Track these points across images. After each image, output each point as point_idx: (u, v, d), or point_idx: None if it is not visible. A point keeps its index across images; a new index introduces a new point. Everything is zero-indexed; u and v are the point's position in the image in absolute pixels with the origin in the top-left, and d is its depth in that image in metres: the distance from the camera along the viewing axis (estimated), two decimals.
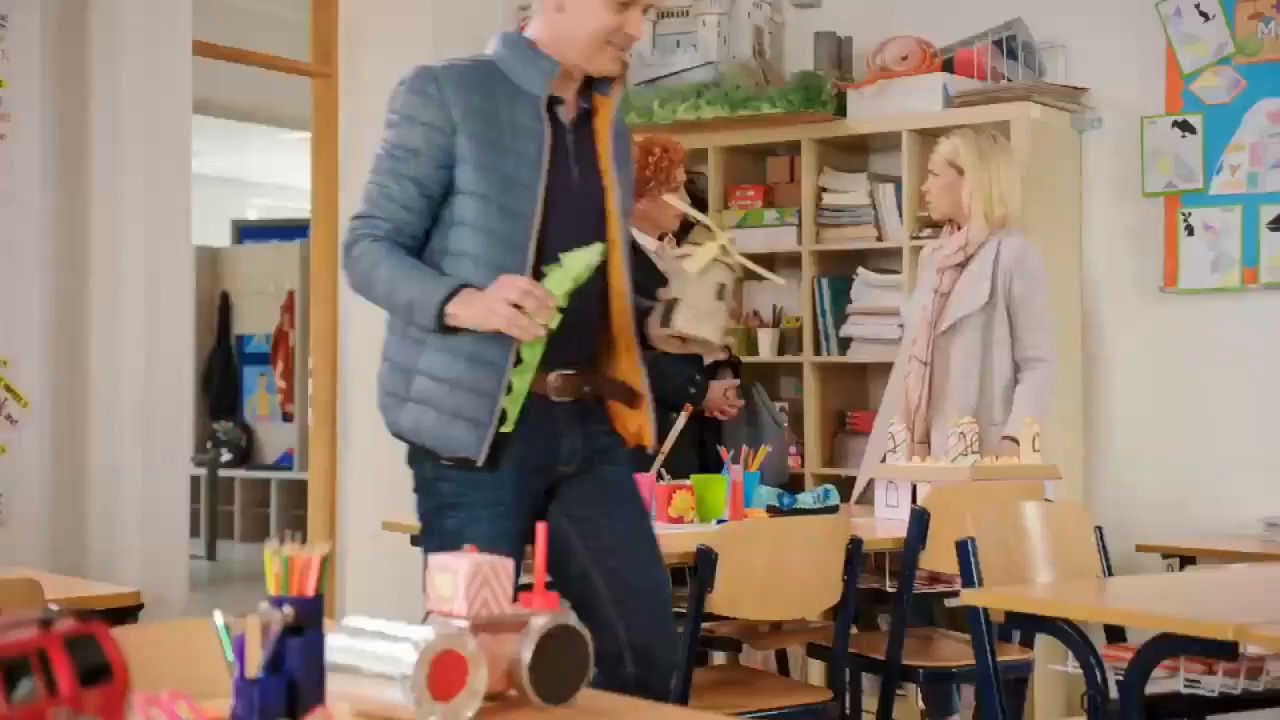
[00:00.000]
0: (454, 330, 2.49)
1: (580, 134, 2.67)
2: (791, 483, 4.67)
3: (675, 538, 3.15)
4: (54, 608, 2.08)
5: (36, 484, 4.02)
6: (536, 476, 2.63)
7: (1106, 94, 4.82)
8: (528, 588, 1.62)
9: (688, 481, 3.56)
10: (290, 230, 10.10)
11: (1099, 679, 2.27)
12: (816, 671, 4.45)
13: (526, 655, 1.52)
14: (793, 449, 4.86)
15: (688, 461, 4.09)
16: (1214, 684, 2.26)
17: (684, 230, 4.60)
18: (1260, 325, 4.56)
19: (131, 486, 4.18)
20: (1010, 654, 3.50)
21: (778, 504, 3.60)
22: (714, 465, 4.32)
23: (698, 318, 2.53)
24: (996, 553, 2.64)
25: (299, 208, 11.70)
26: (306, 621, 1.30)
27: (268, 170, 11.65)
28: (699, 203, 4.89)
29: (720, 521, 3.42)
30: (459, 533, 2.51)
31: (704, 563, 2.92)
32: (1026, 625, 2.40)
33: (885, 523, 3.61)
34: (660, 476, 3.59)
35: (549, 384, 2.59)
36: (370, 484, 5.10)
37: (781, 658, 4.04)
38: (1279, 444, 4.50)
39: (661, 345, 2.70)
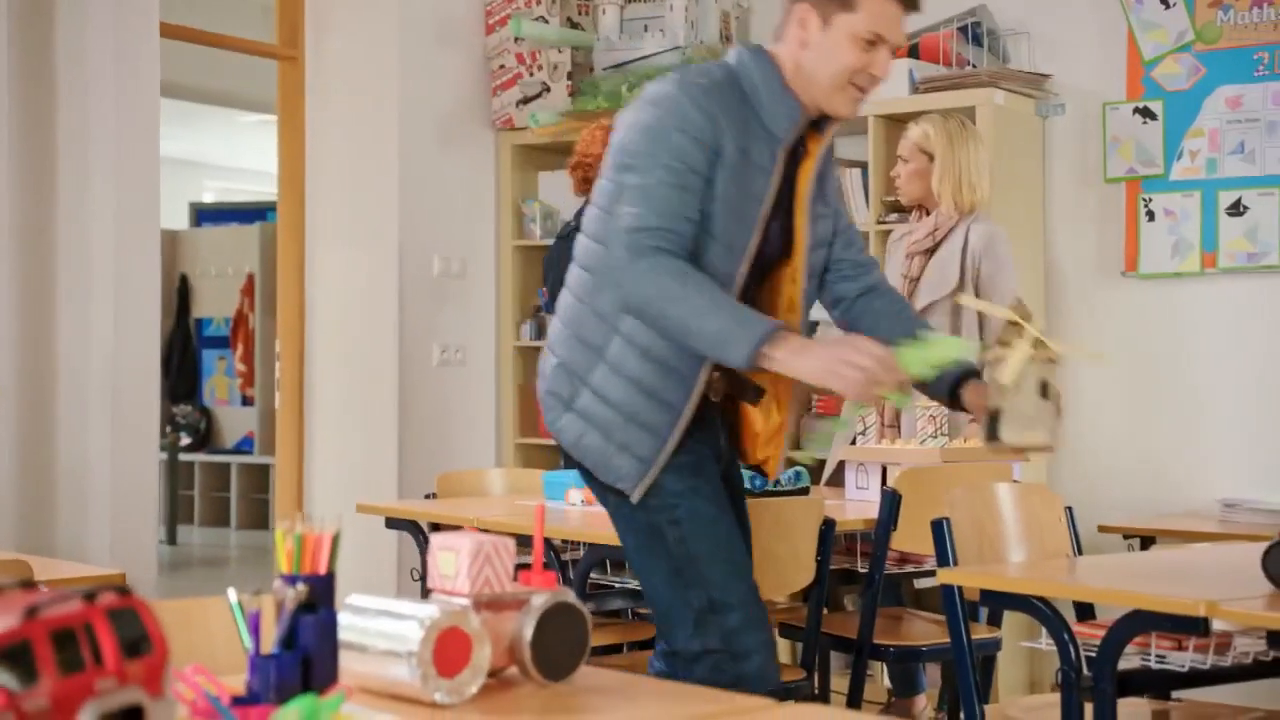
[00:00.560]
0: (758, 369, 2.37)
1: (788, 167, 2.57)
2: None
3: None
4: (44, 591, 2.09)
5: (4, 467, 4.01)
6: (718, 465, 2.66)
7: (1069, 80, 4.88)
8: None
9: None
10: (248, 213, 10.05)
11: (1073, 655, 2.31)
12: (783, 651, 4.49)
13: (528, 632, 1.55)
14: None
15: None
16: (1184, 659, 2.31)
17: None
18: (1219, 309, 4.64)
19: (100, 470, 4.18)
20: (979, 633, 3.56)
21: (750, 486, 3.62)
22: None
23: (1025, 427, 2.40)
24: (970, 533, 2.69)
25: (256, 190, 11.67)
26: (319, 599, 1.32)
27: (224, 153, 11.58)
28: None
29: None
30: (687, 547, 2.54)
31: None
32: (1001, 603, 2.44)
33: (855, 504, 3.65)
34: None
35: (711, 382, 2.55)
36: (337, 468, 5.11)
37: None
38: (1237, 425, 4.58)
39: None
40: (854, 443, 3.88)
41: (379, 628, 1.48)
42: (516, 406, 5.41)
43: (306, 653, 1.29)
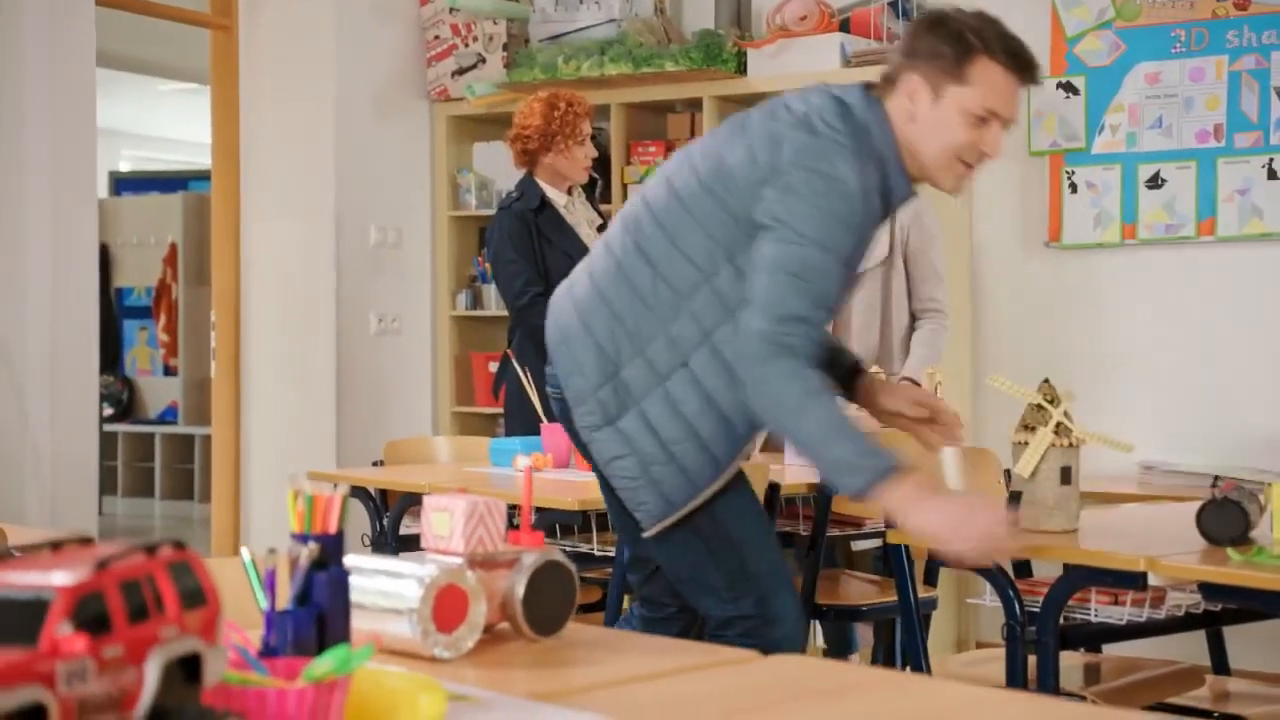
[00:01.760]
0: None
1: None
2: None
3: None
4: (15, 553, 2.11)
5: None
6: None
7: None
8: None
9: None
10: (170, 182, 9.94)
11: (1017, 610, 2.42)
12: None
13: (520, 590, 1.61)
14: None
15: None
16: (1121, 613, 2.43)
17: (591, 185, 4.68)
18: (1139, 279, 4.79)
19: (39, 439, 4.18)
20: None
21: None
22: None
23: (1045, 513, 2.42)
24: None
25: (175, 159, 11.53)
26: (330, 557, 1.38)
27: (140, 122, 11.41)
28: (602, 158, 4.95)
29: None
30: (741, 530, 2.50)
31: None
32: (948, 562, 2.53)
33: (794, 469, 3.74)
34: None
35: None
36: (274, 437, 5.13)
37: None
38: (1154, 391, 4.73)
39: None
40: None
41: (378, 586, 1.54)
42: (453, 375, 5.45)
43: (321, 609, 1.34)
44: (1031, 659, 2.42)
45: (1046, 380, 2.55)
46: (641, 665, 1.54)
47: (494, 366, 5.32)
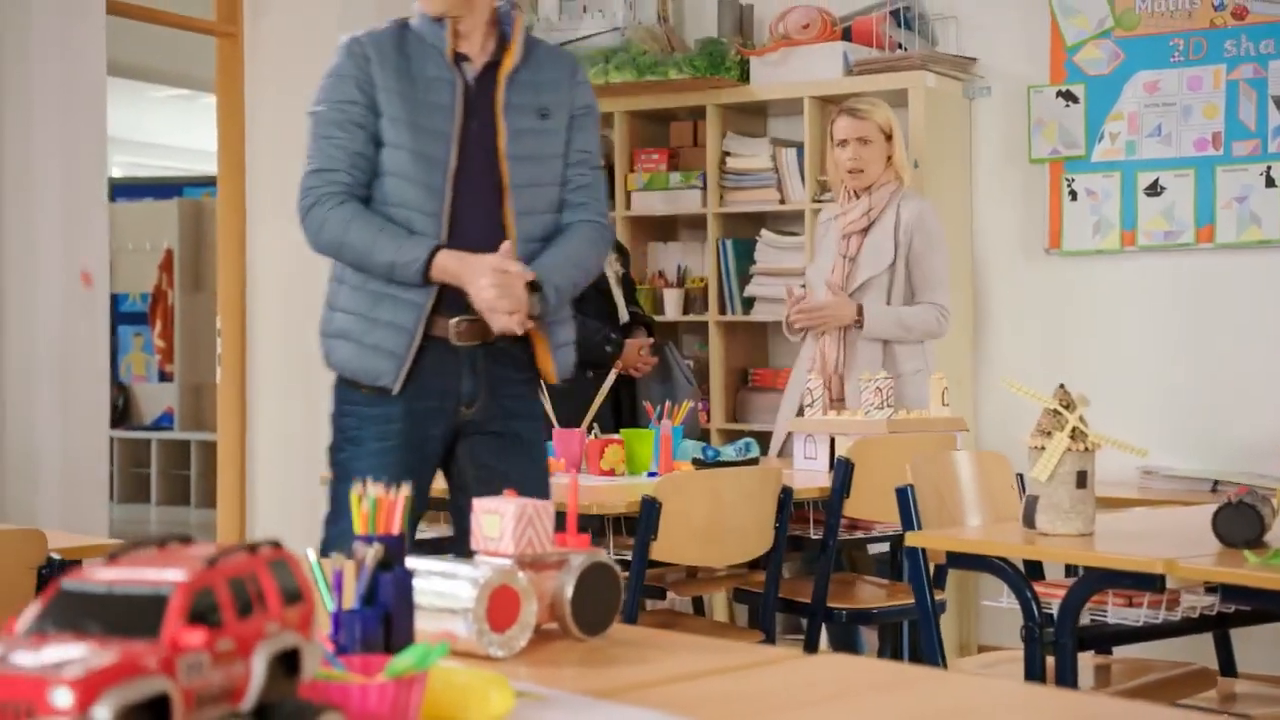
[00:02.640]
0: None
1: (484, 83, 2.89)
2: (701, 437, 4.84)
3: (613, 489, 3.30)
4: (53, 555, 2.14)
5: None
6: (435, 418, 2.85)
7: (995, 64, 5.05)
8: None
9: (617, 436, 3.70)
10: (164, 188, 9.96)
11: (1035, 612, 2.46)
12: (725, 614, 4.64)
13: (568, 590, 1.64)
14: (699, 405, 5.03)
15: (602, 416, 4.23)
16: (1138, 615, 2.47)
17: None
18: (1138, 285, 4.84)
19: (50, 444, 4.19)
20: None
21: (702, 456, 3.75)
22: (628, 420, 4.48)
23: (1061, 516, 2.49)
24: (931, 499, 2.83)
25: (168, 166, 11.54)
26: (393, 558, 1.41)
27: (131, 128, 11.42)
28: (606, 165, 4.99)
29: (651, 474, 3.57)
30: (347, 465, 2.84)
31: (648, 512, 3.06)
32: (965, 565, 2.58)
33: (804, 474, 3.78)
34: (591, 431, 3.73)
35: (450, 329, 2.82)
36: (280, 442, 5.14)
37: (697, 602, 4.22)
38: (1154, 396, 4.79)
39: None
40: (801, 414, 4.01)
41: (433, 587, 1.57)
42: None
43: (387, 608, 1.37)
44: (1049, 661, 2.46)
45: (1062, 385, 2.59)
46: (689, 663, 1.58)
47: None
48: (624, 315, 4.54)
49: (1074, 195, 4.94)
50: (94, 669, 0.85)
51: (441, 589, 1.57)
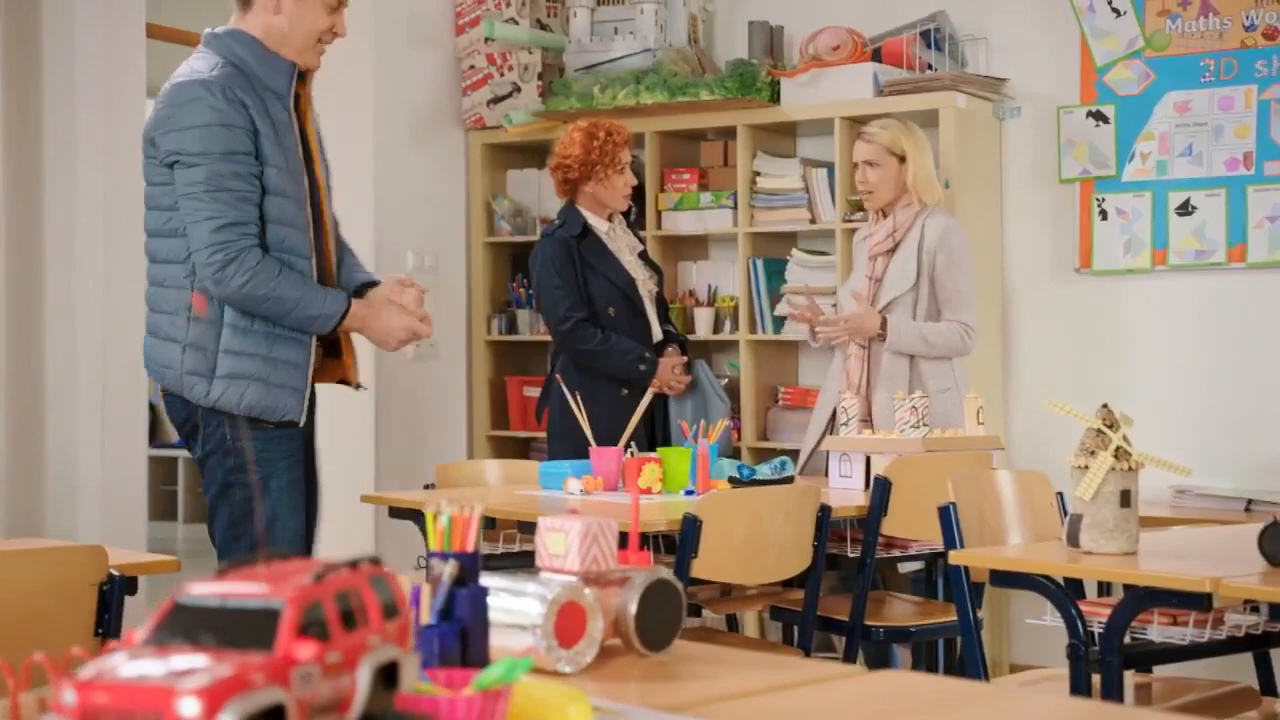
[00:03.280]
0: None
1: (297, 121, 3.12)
2: (733, 456, 4.86)
3: (652, 508, 3.31)
4: (113, 573, 2.17)
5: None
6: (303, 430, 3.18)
7: (1025, 85, 5.08)
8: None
9: (654, 454, 3.72)
10: None
11: (1080, 630, 2.47)
12: (771, 632, 4.65)
13: (632, 607, 1.67)
14: (731, 423, 5.05)
15: (635, 435, 4.25)
16: (1184, 634, 2.48)
17: (627, 212, 4.74)
18: (1169, 304, 4.85)
19: (89, 462, 4.23)
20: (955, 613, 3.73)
21: (738, 475, 3.76)
22: (661, 439, 4.50)
23: (1105, 535, 2.51)
24: (972, 517, 2.84)
25: None
26: (468, 575, 1.43)
27: None
28: (637, 185, 5.02)
29: (688, 493, 3.58)
30: (266, 480, 3.07)
31: (690, 530, 3.08)
32: (1009, 583, 2.59)
33: (839, 492, 3.80)
34: (628, 450, 3.75)
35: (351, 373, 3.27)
36: None
37: (730, 620, 4.25)
38: (1185, 416, 4.79)
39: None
40: (835, 432, 4.03)
41: (501, 604, 1.59)
42: (488, 399, 5.51)
43: (463, 624, 1.40)
44: (1095, 679, 2.47)
45: (1105, 405, 2.60)
46: (754, 680, 1.60)
47: (529, 391, 5.38)
48: (657, 334, 4.56)
49: (1104, 215, 4.95)
50: (217, 680, 0.87)
51: (510, 605, 1.59)
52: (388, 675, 1.05)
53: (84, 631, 2.09)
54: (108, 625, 2.12)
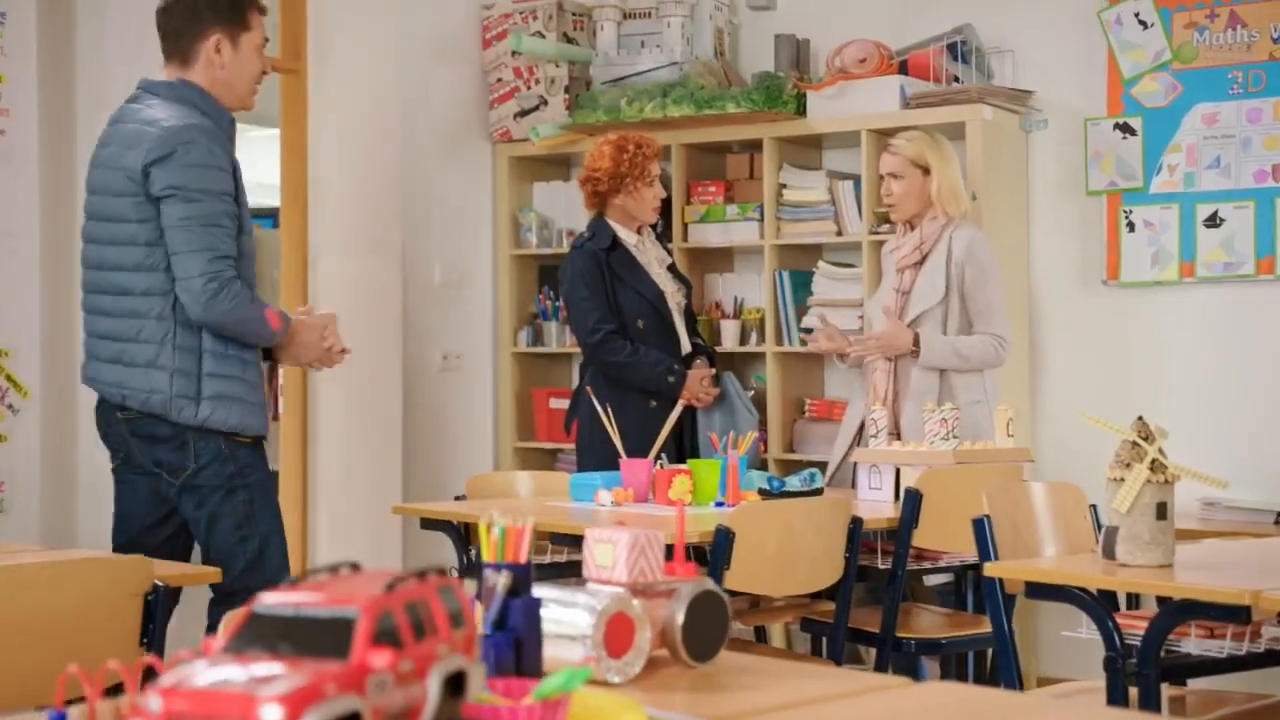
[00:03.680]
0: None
1: None
2: (761, 468, 4.86)
3: (686, 519, 3.31)
4: (158, 583, 2.19)
5: (28, 472, 4.08)
6: None
7: (1052, 97, 5.08)
8: None
9: (684, 466, 3.73)
10: None
11: (1117, 642, 2.47)
12: (801, 644, 4.65)
13: (679, 618, 1.68)
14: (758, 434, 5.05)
15: (664, 446, 4.27)
16: (1222, 646, 2.48)
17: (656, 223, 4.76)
18: (1197, 316, 4.85)
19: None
20: (985, 626, 3.74)
21: (768, 486, 3.77)
22: (689, 450, 4.51)
23: (1141, 547, 2.51)
24: (1006, 529, 2.84)
25: None
26: (521, 586, 1.45)
27: None
28: (664, 198, 5.04)
29: (718, 504, 3.59)
30: (263, 484, 3.38)
31: (722, 541, 3.09)
32: (1045, 595, 2.59)
33: (868, 504, 3.80)
34: (658, 461, 3.76)
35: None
36: (341, 472, 5.20)
37: (758, 631, 4.25)
38: (1213, 428, 4.78)
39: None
40: (864, 444, 4.03)
41: (551, 614, 1.60)
42: (514, 411, 5.53)
43: (518, 634, 1.41)
44: (1131, 692, 2.47)
45: (1140, 417, 2.61)
46: (800, 690, 1.60)
47: (555, 403, 5.40)
48: (686, 346, 4.58)
49: (1131, 227, 4.95)
50: (297, 687, 0.88)
51: (560, 616, 1.60)
52: (454, 684, 1.06)
53: (129, 640, 2.10)
54: (152, 635, 2.13)
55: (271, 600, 0.99)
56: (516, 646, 1.41)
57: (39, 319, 4.08)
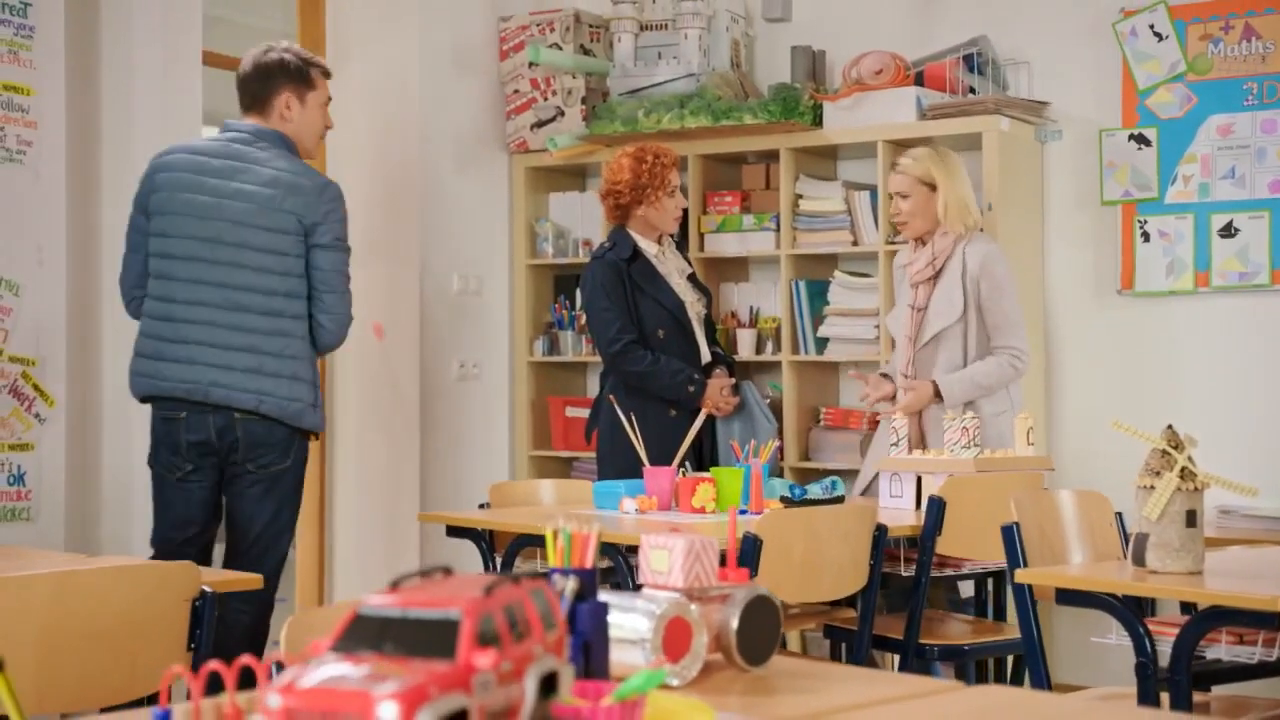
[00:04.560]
0: None
1: None
2: (778, 475, 4.88)
3: (707, 527, 3.34)
4: (205, 589, 2.21)
5: (55, 477, 4.10)
6: None
7: (1067, 108, 5.11)
8: None
9: (707, 474, 3.75)
10: None
11: (1148, 649, 2.50)
12: (824, 650, 4.67)
13: (734, 622, 1.70)
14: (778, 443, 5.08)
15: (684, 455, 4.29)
16: (1252, 653, 2.50)
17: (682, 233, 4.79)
18: (1212, 326, 4.88)
19: (142, 483, 4.27)
20: (1008, 633, 3.77)
21: (790, 495, 3.80)
22: (709, 458, 4.53)
23: (1171, 554, 2.54)
24: (1033, 536, 2.87)
25: None
26: (587, 590, 1.47)
27: None
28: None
29: (741, 512, 3.61)
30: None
31: (749, 549, 3.11)
32: (1075, 601, 2.62)
33: (890, 512, 3.83)
34: (681, 470, 3.78)
35: None
36: (359, 479, 5.22)
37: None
38: (1228, 435, 4.81)
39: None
40: (886, 453, 4.06)
41: (611, 619, 1.63)
42: (530, 420, 5.55)
43: (586, 638, 1.43)
44: (1161, 698, 2.50)
45: (1170, 426, 2.63)
46: (854, 694, 1.63)
47: (571, 411, 5.43)
48: (706, 355, 4.60)
49: (1146, 237, 4.98)
50: (411, 685, 0.91)
51: (620, 621, 1.63)
52: (546, 684, 1.08)
53: (178, 645, 2.13)
54: (199, 639, 2.16)
55: (376, 602, 1.01)
56: (585, 650, 1.43)
57: (65, 329, 4.10)
